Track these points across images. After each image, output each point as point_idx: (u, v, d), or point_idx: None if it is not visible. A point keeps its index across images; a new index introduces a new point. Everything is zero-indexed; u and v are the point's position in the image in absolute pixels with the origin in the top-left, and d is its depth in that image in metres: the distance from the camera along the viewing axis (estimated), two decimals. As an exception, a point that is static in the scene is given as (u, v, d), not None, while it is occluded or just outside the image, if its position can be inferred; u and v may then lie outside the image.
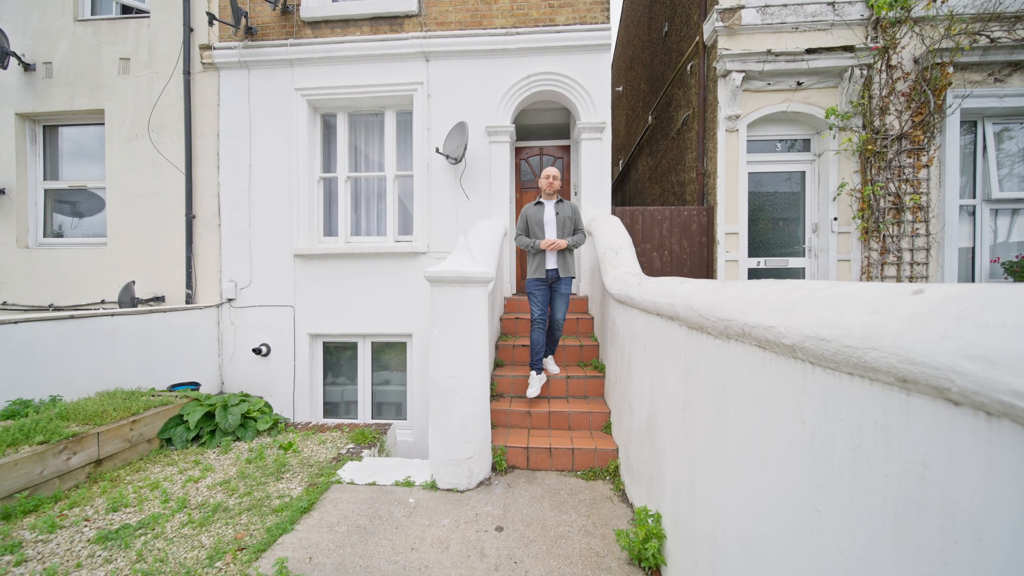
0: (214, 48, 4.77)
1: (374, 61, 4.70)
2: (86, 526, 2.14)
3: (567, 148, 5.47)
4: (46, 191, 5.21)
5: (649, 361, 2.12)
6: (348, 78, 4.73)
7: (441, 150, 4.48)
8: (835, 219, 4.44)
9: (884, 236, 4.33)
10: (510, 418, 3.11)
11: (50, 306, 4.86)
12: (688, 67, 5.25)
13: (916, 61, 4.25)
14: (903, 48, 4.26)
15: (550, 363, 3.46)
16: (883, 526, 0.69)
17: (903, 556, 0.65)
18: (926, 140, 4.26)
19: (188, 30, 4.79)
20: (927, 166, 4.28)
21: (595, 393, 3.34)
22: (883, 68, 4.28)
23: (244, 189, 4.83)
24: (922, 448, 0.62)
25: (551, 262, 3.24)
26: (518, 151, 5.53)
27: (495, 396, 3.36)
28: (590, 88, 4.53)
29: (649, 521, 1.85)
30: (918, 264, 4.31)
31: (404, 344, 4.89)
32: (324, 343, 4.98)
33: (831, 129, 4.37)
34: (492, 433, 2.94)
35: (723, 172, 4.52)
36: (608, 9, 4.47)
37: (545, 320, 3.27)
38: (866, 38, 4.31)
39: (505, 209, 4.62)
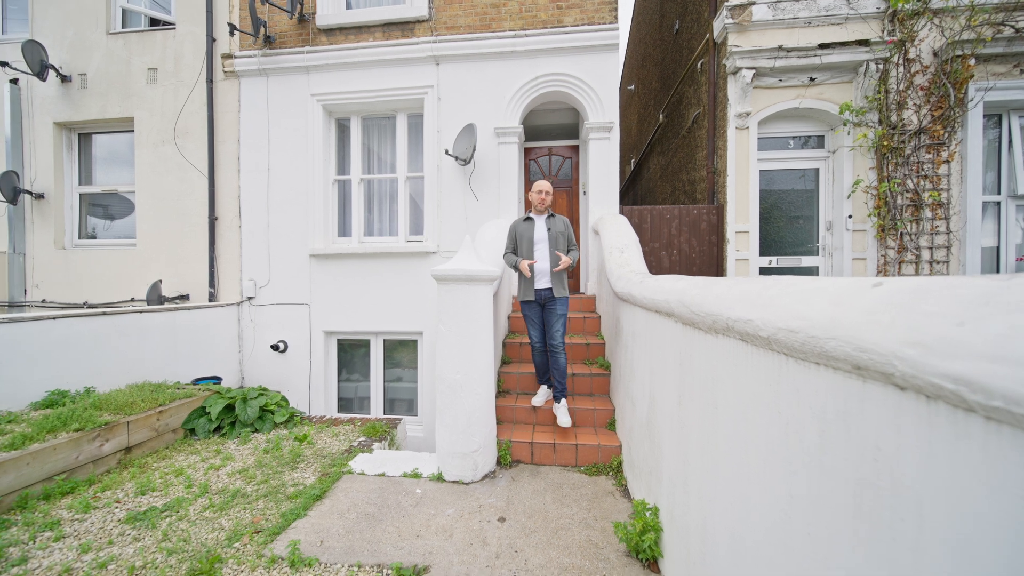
0: (235, 57, 4.98)
1: (386, 66, 4.82)
2: (117, 507, 2.29)
3: (576, 148, 5.49)
4: (81, 195, 5.52)
5: (649, 358, 2.15)
6: (361, 83, 4.87)
7: (450, 152, 4.57)
8: (850, 217, 4.35)
9: (901, 234, 4.22)
10: (516, 414, 3.17)
11: (84, 304, 5.14)
12: (699, 64, 5.21)
13: (935, 54, 4.13)
14: (921, 41, 4.15)
15: (561, 411, 2.95)
16: (844, 507, 0.72)
17: (860, 535, 0.68)
18: (946, 135, 4.14)
19: (211, 40, 5.01)
20: (947, 161, 4.16)
21: (600, 391, 3.37)
22: (900, 62, 4.17)
23: (263, 192, 5.02)
24: (875, 432, 0.66)
25: (542, 281, 2.99)
26: (527, 151, 5.58)
27: (502, 393, 3.42)
28: (598, 88, 4.55)
29: (647, 514, 1.88)
30: (938, 263, 4.19)
31: (415, 342, 5.00)
32: (338, 340, 5.13)
33: (845, 125, 4.29)
34: (498, 428, 3.01)
35: (733, 170, 4.48)
36: (616, 9, 4.48)
37: (544, 345, 3.08)
38: (882, 31, 4.21)
39: (513, 209, 4.68)
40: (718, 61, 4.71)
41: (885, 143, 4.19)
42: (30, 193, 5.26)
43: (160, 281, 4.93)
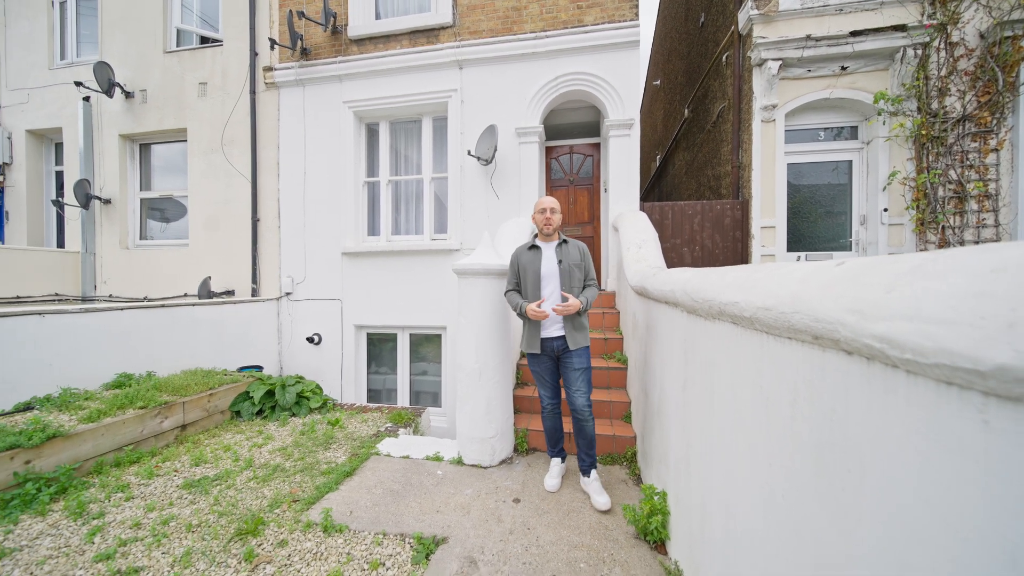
0: (275, 69, 5.35)
1: (413, 72, 5.04)
2: (175, 476, 2.58)
3: (596, 145, 5.52)
4: (141, 200, 6.08)
5: (660, 348, 2.20)
6: (389, 89, 5.11)
7: (473, 152, 4.73)
8: (885, 210, 4.17)
9: (943, 227, 4.01)
10: (533, 404, 3.27)
11: (144, 298, 5.67)
12: (724, 57, 5.13)
13: (982, 36, 3.90)
14: (966, 23, 3.93)
15: (593, 486, 2.30)
16: (808, 468, 0.79)
17: (820, 489, 0.75)
18: (995, 122, 3.90)
19: (253, 54, 5.40)
20: (996, 150, 3.91)
21: (617, 384, 3.42)
22: (942, 46, 3.97)
23: (299, 194, 5.37)
24: (830, 395, 0.72)
25: (553, 328, 2.33)
26: (549, 150, 5.66)
27: (520, 384, 3.53)
28: (618, 86, 4.57)
29: (655, 498, 1.95)
30: (985, 257, 3.94)
31: (439, 336, 5.20)
32: (368, 334, 5.41)
33: (880, 115, 4.12)
34: (516, 417, 3.12)
35: (758, 164, 4.39)
36: (637, 6, 4.48)
37: (558, 408, 2.46)
38: (922, 15, 4.01)
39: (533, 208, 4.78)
40: (743, 53, 4.63)
41: (924, 132, 4.00)
42: (99, 199, 5.85)
43: (209, 278, 5.37)
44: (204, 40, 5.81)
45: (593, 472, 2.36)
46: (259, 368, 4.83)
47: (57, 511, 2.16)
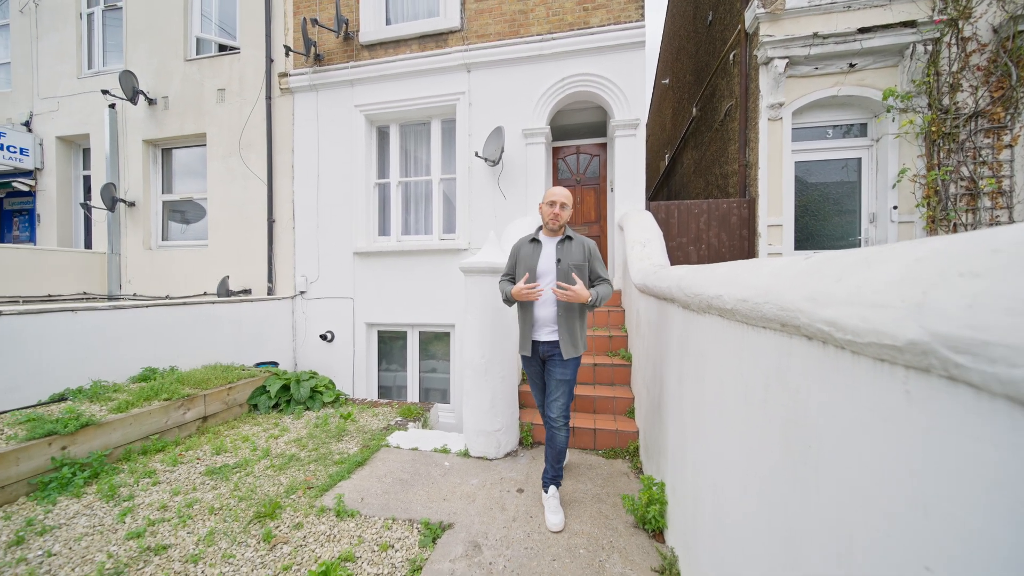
0: (289, 75, 5.52)
1: (422, 75, 5.16)
2: (198, 464, 2.72)
3: (603, 145, 5.57)
4: (163, 203, 6.33)
5: (660, 343, 2.25)
6: (400, 92, 5.24)
7: (480, 154, 4.82)
8: (895, 208, 4.14)
9: (956, 225, 3.96)
10: (538, 400, 3.34)
11: (166, 296, 5.90)
12: (731, 56, 5.12)
13: (995, 30, 3.84)
14: (979, 17, 3.87)
15: (550, 503, 2.11)
16: (778, 444, 0.86)
17: (786, 463, 0.82)
18: (1008, 117, 3.84)
19: (269, 61, 5.59)
20: (1010, 146, 3.86)
21: (621, 381, 3.47)
22: (953, 41, 3.92)
23: (313, 196, 5.53)
24: (796, 378, 0.79)
25: (544, 331, 2.14)
26: (555, 151, 5.73)
27: (526, 379, 3.61)
28: (624, 86, 4.61)
29: (654, 488, 2.01)
30: (998, 255, 3.89)
31: (448, 334, 5.30)
32: (379, 332, 5.54)
33: (889, 111, 4.08)
34: (521, 412, 3.20)
35: (765, 162, 4.39)
36: (642, 7, 4.52)
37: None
38: (932, 10, 3.97)
39: (541, 207, 4.85)
40: (750, 52, 4.63)
41: (935, 129, 3.95)
42: (124, 201, 6.11)
43: (228, 277, 5.57)
44: (222, 48, 6.03)
45: (552, 488, 2.15)
46: (275, 364, 5.00)
47: (91, 493, 2.31)
